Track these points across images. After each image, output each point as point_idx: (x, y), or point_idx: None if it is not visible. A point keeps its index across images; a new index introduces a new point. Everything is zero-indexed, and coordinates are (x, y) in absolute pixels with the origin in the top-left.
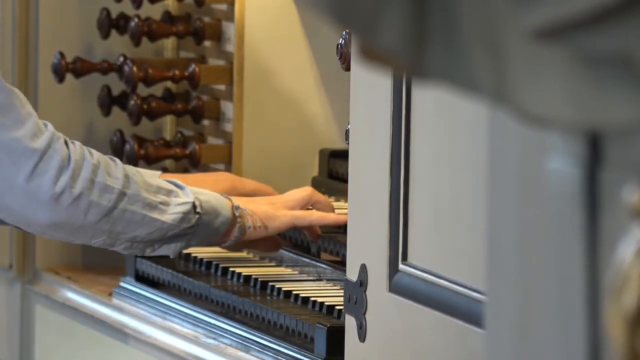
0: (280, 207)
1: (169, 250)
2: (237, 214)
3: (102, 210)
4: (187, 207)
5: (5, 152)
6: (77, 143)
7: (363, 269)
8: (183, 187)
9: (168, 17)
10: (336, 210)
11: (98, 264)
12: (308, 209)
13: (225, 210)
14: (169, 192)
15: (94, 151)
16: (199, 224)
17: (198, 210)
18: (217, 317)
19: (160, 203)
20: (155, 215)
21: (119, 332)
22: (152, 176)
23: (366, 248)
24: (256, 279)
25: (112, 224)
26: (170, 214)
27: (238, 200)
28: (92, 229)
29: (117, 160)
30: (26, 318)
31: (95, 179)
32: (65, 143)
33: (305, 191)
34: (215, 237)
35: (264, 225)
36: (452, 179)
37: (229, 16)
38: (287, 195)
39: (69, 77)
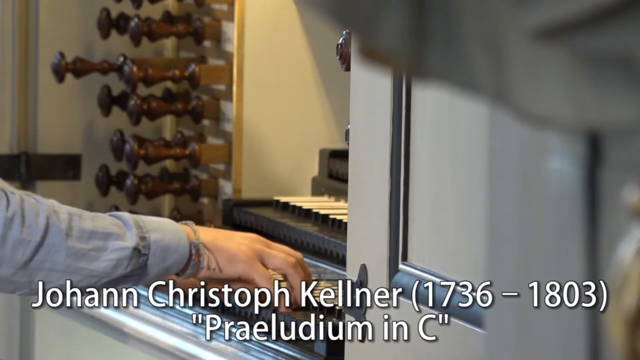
0: (250, 255)
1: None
2: (193, 251)
3: (16, 264)
4: (125, 252)
5: None
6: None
7: (363, 269)
8: (131, 227)
9: (168, 17)
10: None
11: None
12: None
13: (181, 248)
14: (106, 236)
15: (14, 198)
16: (147, 265)
17: (144, 252)
18: (217, 317)
19: (91, 250)
20: (82, 264)
21: (119, 332)
22: (94, 218)
23: (366, 248)
24: None
25: (30, 276)
26: (102, 261)
27: (207, 235)
28: (8, 282)
29: (44, 204)
30: (26, 318)
31: (8, 232)
32: None
33: (289, 258)
34: (167, 274)
35: (219, 267)
36: (452, 178)
37: (229, 16)
38: (275, 248)
39: (69, 77)
